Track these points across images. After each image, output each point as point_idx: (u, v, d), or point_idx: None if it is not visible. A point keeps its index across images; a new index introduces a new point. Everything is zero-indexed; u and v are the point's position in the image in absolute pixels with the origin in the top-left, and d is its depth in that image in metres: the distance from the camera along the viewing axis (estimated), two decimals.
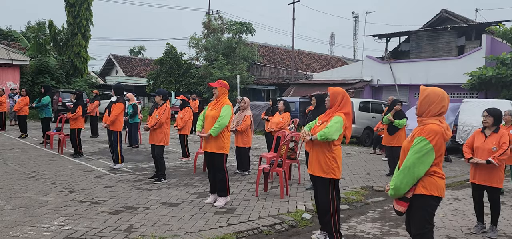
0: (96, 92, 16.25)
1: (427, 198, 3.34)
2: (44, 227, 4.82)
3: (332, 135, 4.39)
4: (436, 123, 3.35)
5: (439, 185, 3.36)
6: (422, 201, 3.34)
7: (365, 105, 16.22)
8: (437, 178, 3.36)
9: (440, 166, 3.41)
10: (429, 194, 3.33)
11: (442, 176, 3.40)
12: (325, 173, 4.52)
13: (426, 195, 3.33)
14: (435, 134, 3.28)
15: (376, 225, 5.60)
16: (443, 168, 3.50)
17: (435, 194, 3.34)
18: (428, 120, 3.39)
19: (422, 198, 3.34)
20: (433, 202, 3.37)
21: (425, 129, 3.34)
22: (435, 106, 3.40)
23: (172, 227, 4.99)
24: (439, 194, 3.36)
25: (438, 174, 3.37)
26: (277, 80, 27.91)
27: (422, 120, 3.44)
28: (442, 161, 3.44)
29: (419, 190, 3.34)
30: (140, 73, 39.82)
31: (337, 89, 4.67)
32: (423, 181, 3.34)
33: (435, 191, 3.34)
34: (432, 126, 3.32)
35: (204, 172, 8.55)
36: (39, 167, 8.70)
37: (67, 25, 25.78)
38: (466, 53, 19.21)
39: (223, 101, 6.06)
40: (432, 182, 3.34)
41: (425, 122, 3.40)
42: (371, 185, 8.13)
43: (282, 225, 5.35)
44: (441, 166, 3.43)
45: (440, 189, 3.36)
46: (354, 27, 64.19)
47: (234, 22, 28.43)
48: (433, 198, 3.35)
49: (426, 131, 3.31)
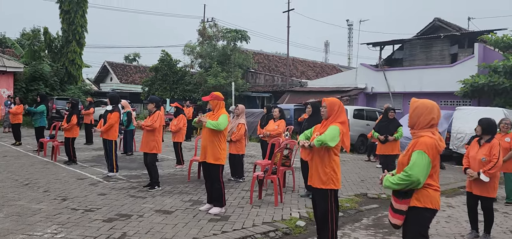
0: (90, 100, 16.21)
1: (421, 210, 3.35)
2: (37, 236, 4.78)
3: (328, 141, 4.37)
4: (428, 135, 3.37)
5: (433, 197, 3.37)
6: (417, 213, 3.36)
7: (359, 113, 16.30)
8: (431, 190, 3.37)
9: (434, 178, 3.41)
10: (423, 206, 3.34)
11: (437, 188, 3.40)
12: (324, 184, 4.53)
13: (421, 208, 3.35)
14: (429, 147, 3.31)
15: (370, 233, 5.62)
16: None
17: (429, 206, 3.35)
18: (420, 132, 3.42)
19: (416, 210, 3.35)
20: (427, 215, 3.38)
21: (420, 142, 3.36)
22: (424, 118, 3.42)
23: (166, 235, 4.98)
24: (434, 206, 3.37)
25: (433, 186, 3.38)
26: (272, 87, 27.98)
27: (414, 133, 3.47)
28: (437, 173, 3.44)
29: (414, 203, 3.36)
30: (135, 80, 39.76)
31: (333, 100, 4.68)
32: (417, 193, 3.35)
33: (429, 204, 3.35)
34: (425, 138, 3.35)
35: (199, 180, 8.53)
36: (32, 174, 8.64)
37: (62, 32, 25.74)
38: (459, 61, 19.40)
39: (220, 112, 6.10)
40: (426, 195, 3.35)
41: (417, 135, 3.43)
42: (365, 192, 8.15)
43: (276, 232, 5.35)
44: (435, 178, 3.42)
45: (434, 201, 3.37)
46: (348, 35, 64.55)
47: (229, 30, 28.50)
48: (428, 210, 3.36)
49: (422, 145, 3.33)
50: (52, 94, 22.86)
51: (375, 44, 23.47)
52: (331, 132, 4.43)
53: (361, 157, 13.92)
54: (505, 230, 5.93)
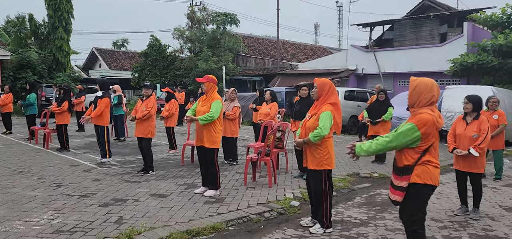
0: (80, 88, 16.07)
1: (420, 186, 3.41)
2: (34, 221, 4.80)
3: (324, 132, 4.50)
4: (427, 112, 3.39)
5: (433, 174, 3.42)
6: (416, 189, 3.42)
7: (350, 94, 16.41)
8: (431, 167, 3.42)
9: (434, 154, 3.45)
10: (423, 182, 3.40)
11: (436, 165, 3.44)
12: (318, 165, 4.62)
13: (420, 184, 3.40)
14: (426, 123, 3.34)
15: (362, 210, 5.73)
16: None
17: (429, 183, 3.41)
18: (420, 110, 3.43)
19: (416, 186, 3.41)
20: (426, 191, 3.44)
21: (416, 117, 3.41)
22: (425, 96, 3.44)
23: (162, 218, 5.03)
24: (433, 183, 3.43)
25: (432, 162, 3.42)
26: (263, 71, 27.91)
27: (414, 111, 3.49)
28: (436, 150, 3.47)
29: (414, 179, 3.41)
30: (124, 67, 39.36)
31: (324, 80, 4.74)
32: (417, 170, 3.40)
33: (429, 180, 3.41)
34: (424, 115, 3.37)
35: (193, 164, 8.58)
36: (25, 162, 8.60)
37: (48, 18, 25.30)
38: (449, 41, 19.53)
39: (213, 96, 6.08)
40: (426, 171, 3.40)
41: (417, 112, 3.44)
42: (358, 172, 8.27)
43: (271, 213, 5.43)
44: (435, 154, 3.46)
45: (434, 177, 3.43)
46: (338, 17, 64.45)
47: (218, 13, 28.24)
48: (427, 186, 3.42)
49: (417, 119, 3.38)
50: (41, 82, 22.57)
51: (365, 25, 23.47)
52: (325, 122, 4.51)
53: (352, 138, 14.06)
54: (493, 204, 6.09)
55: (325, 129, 4.49)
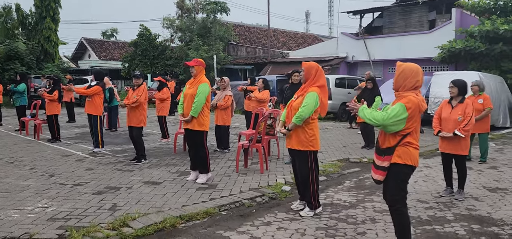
0: (69, 78, 15.98)
1: (401, 166, 3.56)
2: (28, 210, 4.86)
3: (307, 114, 4.58)
4: (412, 95, 3.54)
5: (413, 155, 3.57)
6: (397, 169, 3.57)
7: (341, 82, 16.54)
8: (411, 148, 3.57)
9: (414, 136, 3.60)
10: (404, 163, 3.55)
11: (416, 147, 3.60)
12: (303, 146, 4.72)
13: (401, 164, 3.56)
14: (412, 104, 3.48)
15: (352, 194, 5.87)
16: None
17: (409, 163, 3.56)
18: (404, 93, 3.58)
19: (396, 166, 3.57)
20: (406, 171, 3.60)
21: (404, 98, 3.53)
22: (410, 80, 3.58)
23: (155, 204, 5.11)
24: (413, 163, 3.58)
25: (412, 144, 3.58)
26: (254, 59, 27.94)
27: (398, 94, 3.63)
28: (417, 132, 3.63)
29: (395, 159, 3.56)
30: (114, 57, 39.04)
31: (311, 64, 4.83)
32: (398, 150, 3.55)
33: (409, 160, 3.56)
34: (409, 97, 3.52)
35: (185, 152, 8.65)
36: (17, 153, 8.60)
37: (35, 8, 24.98)
38: (437, 27, 19.72)
39: (201, 79, 6.12)
40: (406, 152, 3.55)
41: (402, 95, 3.59)
42: (348, 157, 8.42)
43: (263, 197, 5.55)
44: (415, 137, 3.61)
45: (414, 158, 3.58)
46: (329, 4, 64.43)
47: (208, 2, 28.10)
48: (407, 166, 3.57)
49: (406, 100, 3.50)
50: (29, 73, 22.36)
51: (355, 13, 23.56)
52: (308, 101, 4.59)
53: (343, 125, 14.24)
54: (478, 186, 6.28)
55: (307, 109, 4.56)
